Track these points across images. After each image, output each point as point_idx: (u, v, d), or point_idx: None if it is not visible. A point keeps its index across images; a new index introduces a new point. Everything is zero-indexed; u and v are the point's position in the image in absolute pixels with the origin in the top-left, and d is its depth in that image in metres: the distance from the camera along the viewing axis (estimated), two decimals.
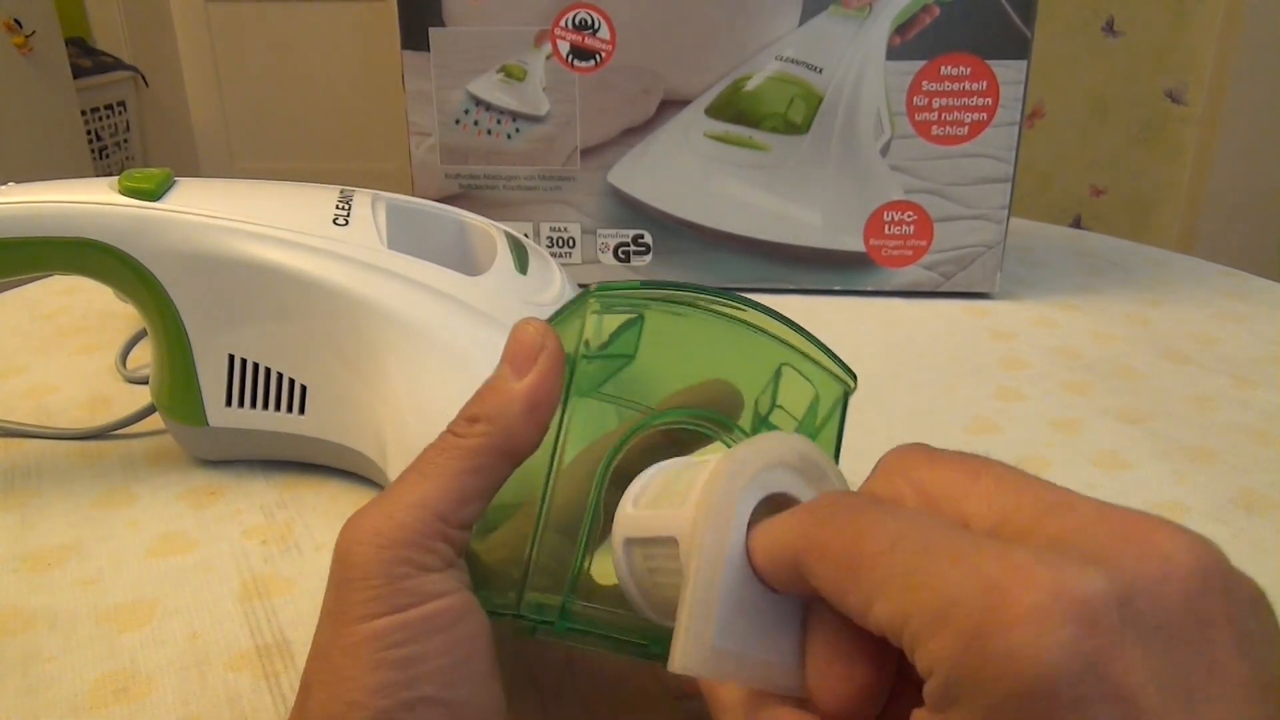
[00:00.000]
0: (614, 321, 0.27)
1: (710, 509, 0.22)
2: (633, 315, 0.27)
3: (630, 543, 0.24)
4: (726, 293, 0.28)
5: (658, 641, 0.26)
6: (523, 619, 0.25)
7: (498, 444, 0.25)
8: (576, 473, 0.26)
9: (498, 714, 0.25)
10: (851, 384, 0.29)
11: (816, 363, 0.28)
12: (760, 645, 0.21)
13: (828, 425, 0.28)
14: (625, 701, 0.29)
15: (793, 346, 0.28)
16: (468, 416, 0.26)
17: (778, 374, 0.28)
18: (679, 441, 0.29)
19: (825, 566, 0.20)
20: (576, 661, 0.29)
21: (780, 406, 0.28)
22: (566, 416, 0.26)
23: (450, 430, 0.26)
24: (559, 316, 0.28)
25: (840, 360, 0.29)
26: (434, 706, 0.23)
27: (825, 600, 0.20)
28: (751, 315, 0.28)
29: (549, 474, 0.26)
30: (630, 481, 0.26)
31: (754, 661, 0.21)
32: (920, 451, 0.22)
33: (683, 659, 0.21)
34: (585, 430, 0.26)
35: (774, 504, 0.22)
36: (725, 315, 0.28)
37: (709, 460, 0.24)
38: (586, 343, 0.27)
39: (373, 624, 0.23)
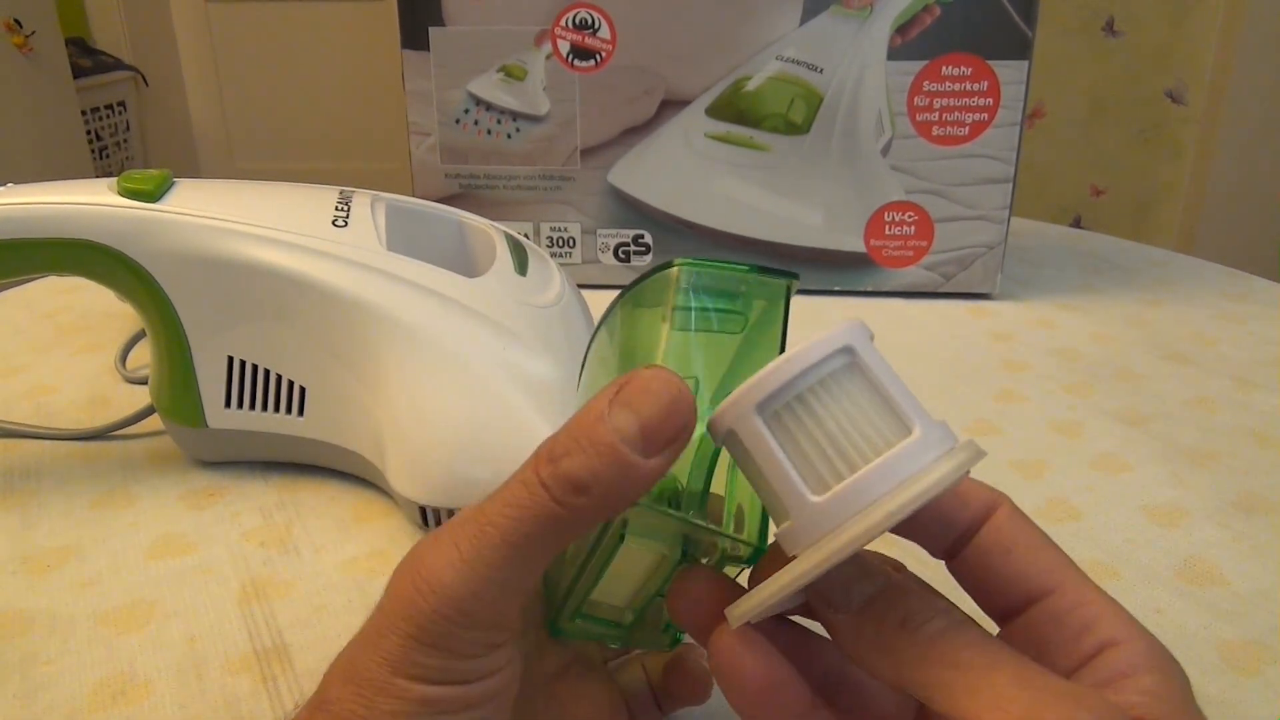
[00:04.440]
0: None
1: (839, 560, 0.21)
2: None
3: (730, 434, 0.22)
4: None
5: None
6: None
7: (597, 518, 0.22)
8: None
9: None
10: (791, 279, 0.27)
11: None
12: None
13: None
14: (584, 688, 0.29)
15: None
16: (576, 484, 0.21)
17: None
18: None
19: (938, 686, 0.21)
20: (544, 657, 0.29)
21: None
22: None
23: (547, 487, 0.21)
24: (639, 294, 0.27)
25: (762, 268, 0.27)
26: None
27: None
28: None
29: None
30: None
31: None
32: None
33: (740, 619, 0.23)
34: None
35: None
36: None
37: (886, 423, 0.22)
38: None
39: (430, 689, 0.22)
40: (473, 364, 0.41)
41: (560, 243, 0.69)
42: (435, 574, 0.22)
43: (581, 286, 0.50)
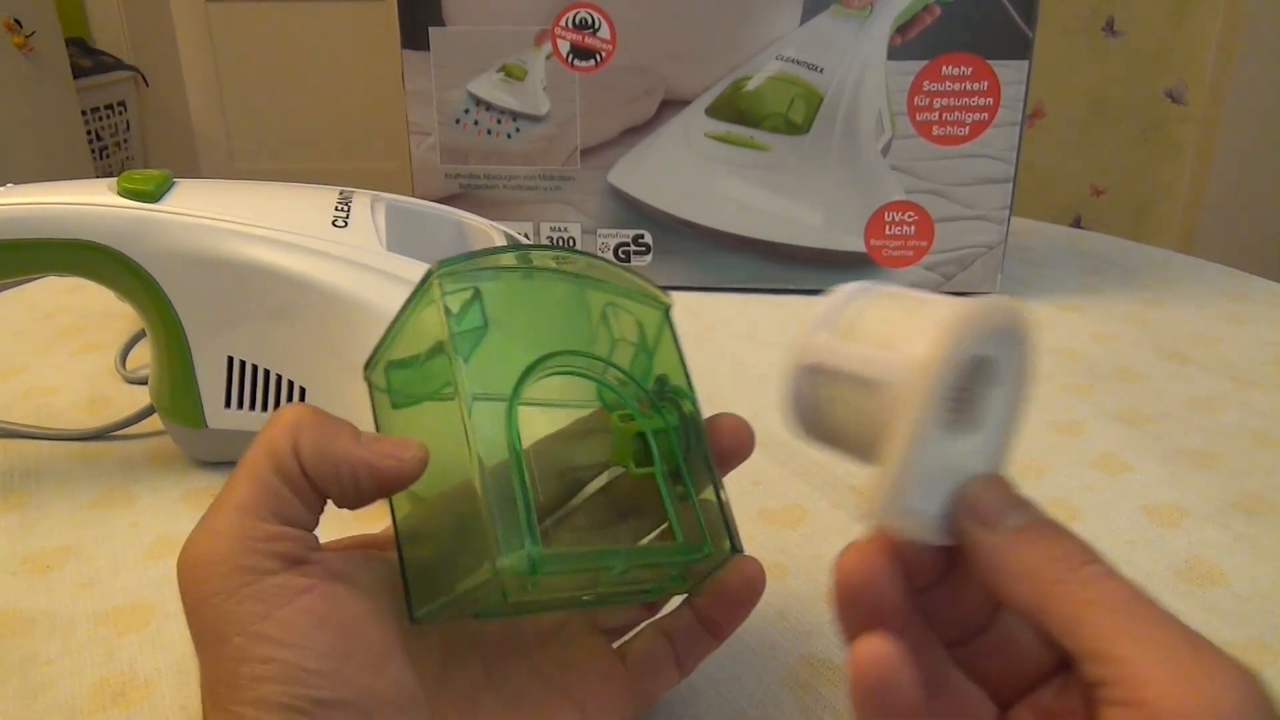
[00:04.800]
0: (456, 300, 0.28)
1: (939, 374, 0.21)
2: (470, 289, 0.28)
3: (810, 371, 0.24)
4: (544, 247, 0.30)
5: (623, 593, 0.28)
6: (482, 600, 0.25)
7: (314, 465, 0.26)
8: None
9: (409, 697, 0.24)
10: (666, 300, 0.31)
11: (632, 295, 0.31)
12: (930, 501, 0.23)
13: (663, 342, 0.31)
14: (572, 657, 0.29)
15: (612, 286, 0.31)
16: (293, 426, 0.26)
17: (604, 315, 0.30)
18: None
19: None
20: (521, 620, 0.30)
21: (619, 340, 0.30)
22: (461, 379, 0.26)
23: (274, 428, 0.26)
24: (411, 305, 0.29)
25: (652, 285, 0.31)
26: (333, 709, 0.22)
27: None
28: (574, 264, 0.31)
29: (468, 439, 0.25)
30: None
31: (925, 517, 0.23)
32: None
33: (884, 515, 0.22)
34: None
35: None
36: (552, 271, 0.30)
37: (923, 301, 0.23)
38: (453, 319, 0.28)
39: (235, 642, 0.23)
40: None
41: (560, 243, 0.69)
42: (189, 549, 0.24)
43: None
